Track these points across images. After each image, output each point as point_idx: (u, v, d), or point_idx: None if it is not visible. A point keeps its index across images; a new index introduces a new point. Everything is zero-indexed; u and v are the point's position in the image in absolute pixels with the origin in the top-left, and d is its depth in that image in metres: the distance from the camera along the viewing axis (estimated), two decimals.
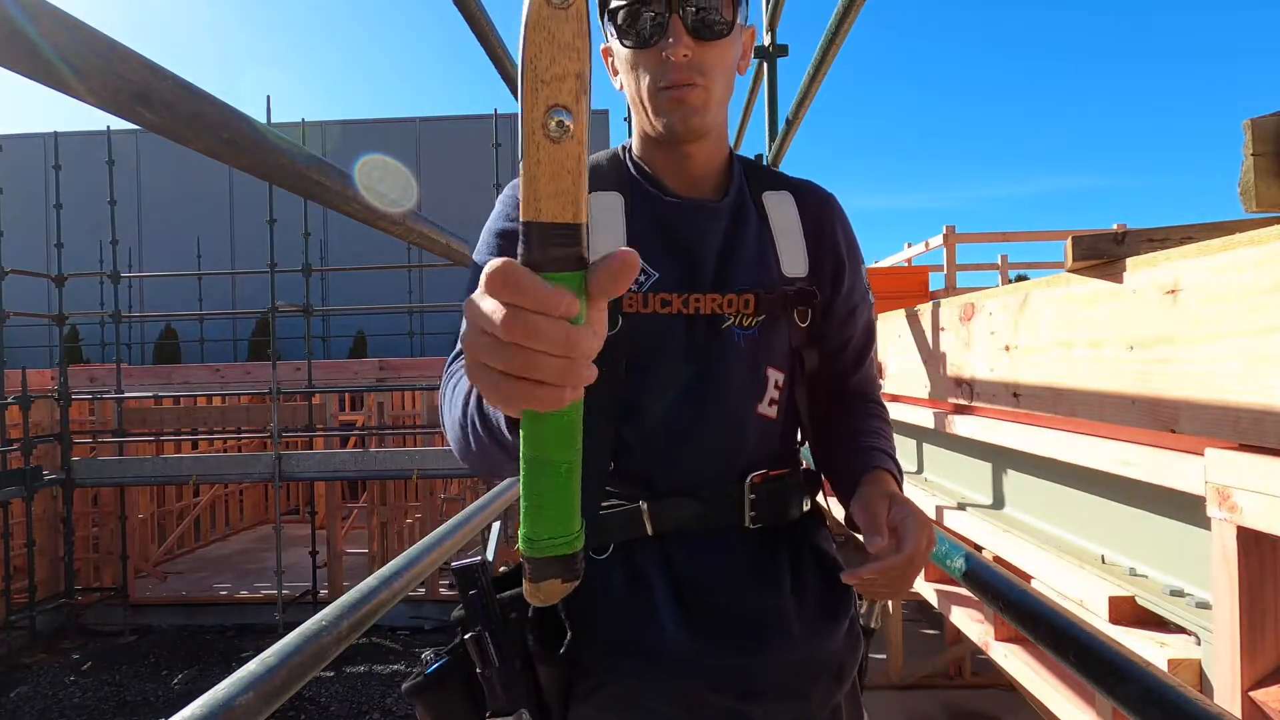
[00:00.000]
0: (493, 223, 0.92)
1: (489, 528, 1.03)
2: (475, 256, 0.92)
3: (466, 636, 0.83)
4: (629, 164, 0.94)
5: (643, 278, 0.86)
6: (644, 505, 0.86)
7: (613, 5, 0.86)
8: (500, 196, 0.94)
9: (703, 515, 0.87)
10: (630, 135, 0.99)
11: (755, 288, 0.89)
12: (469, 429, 0.71)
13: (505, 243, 0.89)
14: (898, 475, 0.91)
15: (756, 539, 0.89)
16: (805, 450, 1.02)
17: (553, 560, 0.50)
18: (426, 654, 0.89)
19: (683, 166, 0.92)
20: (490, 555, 1.00)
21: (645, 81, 0.86)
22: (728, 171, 0.96)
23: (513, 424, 0.62)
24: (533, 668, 0.84)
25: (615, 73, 0.93)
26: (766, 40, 3.21)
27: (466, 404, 0.71)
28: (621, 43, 0.87)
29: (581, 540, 0.52)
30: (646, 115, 0.89)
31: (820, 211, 0.98)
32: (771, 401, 0.91)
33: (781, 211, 0.95)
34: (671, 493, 0.87)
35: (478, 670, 0.83)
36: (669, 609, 0.84)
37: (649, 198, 0.91)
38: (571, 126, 0.41)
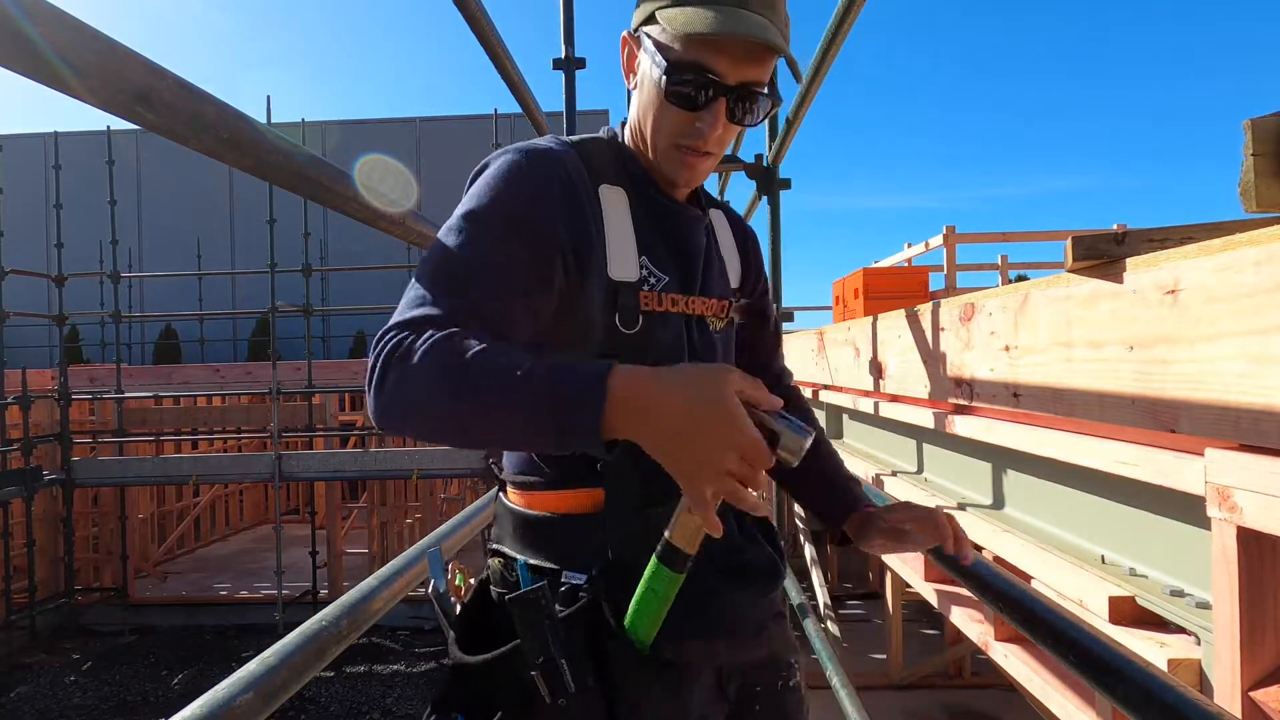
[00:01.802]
0: (511, 213, 0.82)
1: (431, 555, 0.99)
2: (478, 231, 0.81)
3: (533, 672, 0.79)
4: (623, 157, 0.95)
5: (654, 279, 0.91)
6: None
7: (672, 59, 0.84)
8: (497, 173, 0.86)
9: None
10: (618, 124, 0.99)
11: (722, 296, 1.01)
12: (508, 401, 0.67)
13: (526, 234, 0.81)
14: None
15: (731, 509, 0.92)
16: None
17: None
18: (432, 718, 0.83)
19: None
20: (443, 586, 0.96)
21: (665, 128, 0.89)
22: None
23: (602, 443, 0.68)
24: (602, 679, 0.82)
25: (633, 72, 0.93)
26: None
27: (529, 383, 0.66)
28: (660, 93, 0.86)
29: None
30: (648, 147, 0.92)
31: (745, 232, 1.12)
32: None
33: (723, 229, 1.08)
34: None
35: (549, 701, 0.79)
36: (717, 580, 0.89)
37: (647, 197, 0.94)
38: None
